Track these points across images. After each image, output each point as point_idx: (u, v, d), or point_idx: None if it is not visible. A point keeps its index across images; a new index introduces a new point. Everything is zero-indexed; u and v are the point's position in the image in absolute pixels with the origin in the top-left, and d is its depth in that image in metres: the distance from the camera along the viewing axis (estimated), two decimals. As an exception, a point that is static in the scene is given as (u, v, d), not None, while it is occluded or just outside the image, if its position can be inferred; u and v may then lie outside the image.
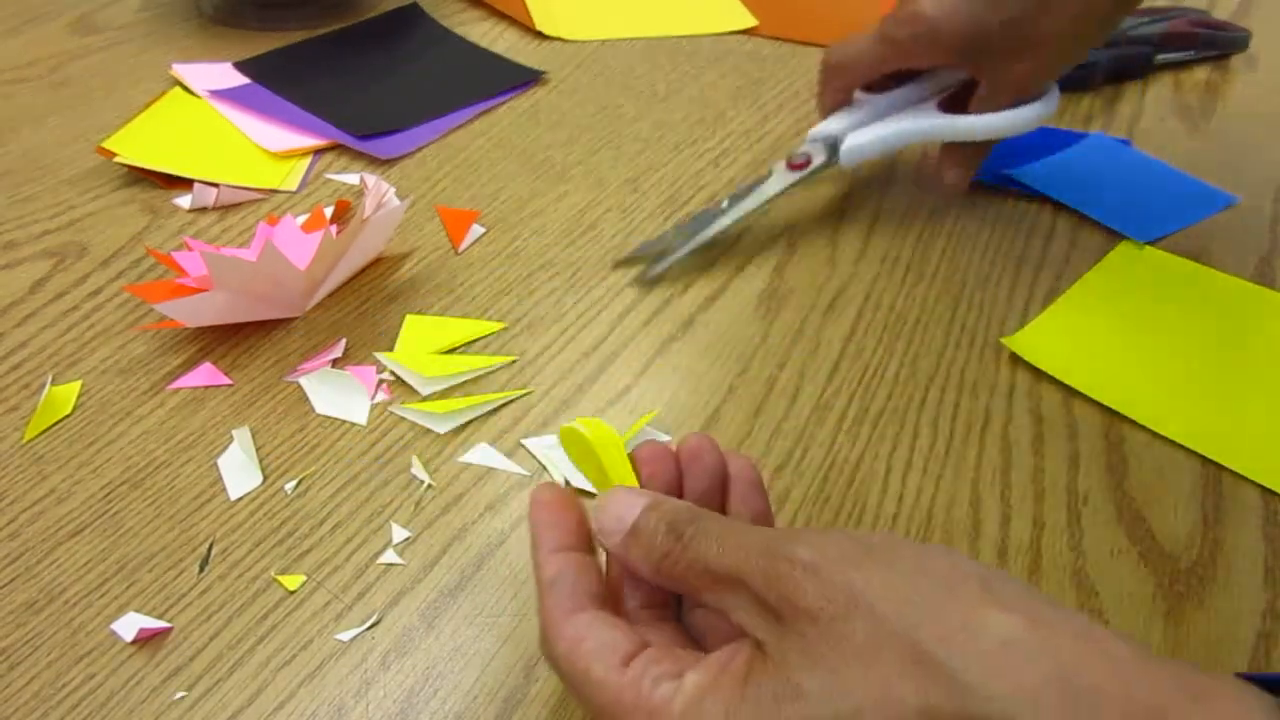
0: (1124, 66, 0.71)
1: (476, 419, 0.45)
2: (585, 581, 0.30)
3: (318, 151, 0.64)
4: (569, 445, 0.34)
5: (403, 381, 0.47)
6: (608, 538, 0.31)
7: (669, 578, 0.29)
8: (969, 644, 0.24)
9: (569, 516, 0.32)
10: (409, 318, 0.51)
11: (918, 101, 0.56)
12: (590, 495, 0.41)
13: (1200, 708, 0.22)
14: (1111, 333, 0.50)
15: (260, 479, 0.42)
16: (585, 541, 0.32)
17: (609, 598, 0.31)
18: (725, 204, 0.56)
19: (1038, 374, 0.48)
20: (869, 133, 0.55)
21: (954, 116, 0.55)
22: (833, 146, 0.56)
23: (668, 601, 0.32)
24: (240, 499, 0.42)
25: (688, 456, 0.33)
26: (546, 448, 0.44)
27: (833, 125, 0.56)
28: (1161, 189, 0.61)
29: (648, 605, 0.31)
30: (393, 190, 0.53)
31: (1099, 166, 0.62)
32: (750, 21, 0.80)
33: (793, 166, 0.56)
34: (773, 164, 0.58)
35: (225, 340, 0.49)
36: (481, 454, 0.44)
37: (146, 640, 0.37)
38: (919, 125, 0.55)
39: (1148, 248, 0.56)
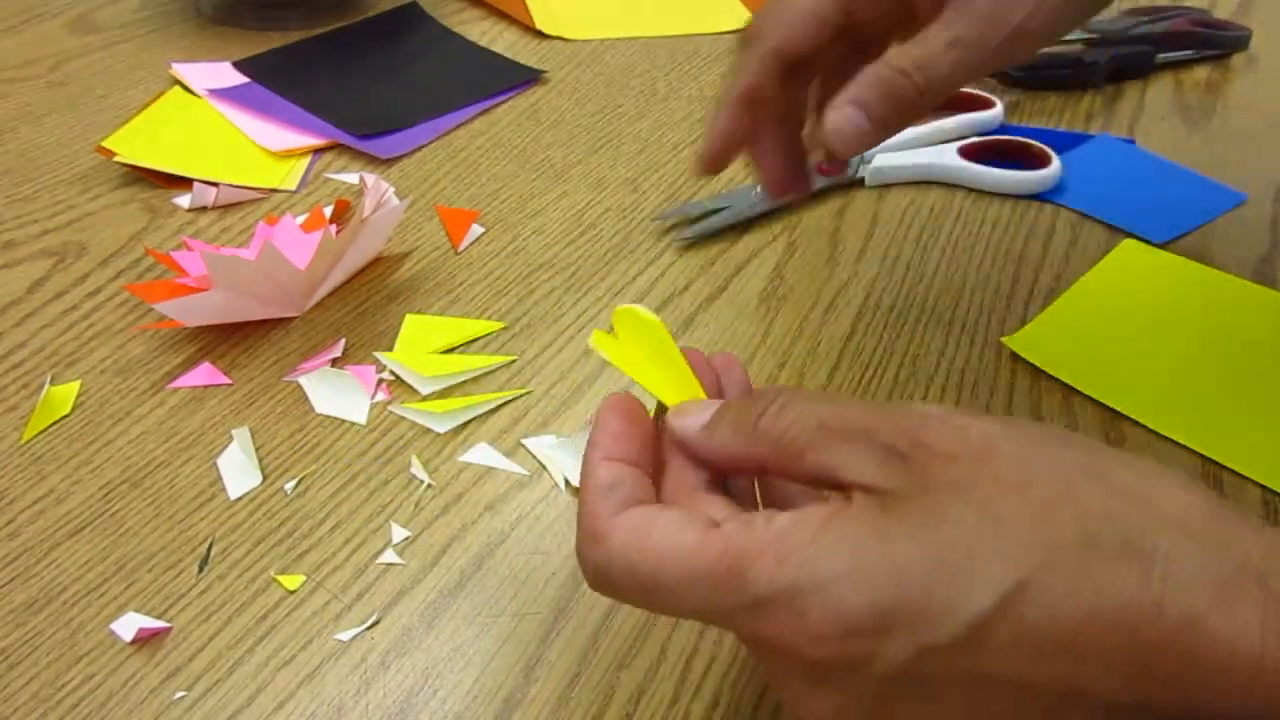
0: (1124, 66, 0.71)
1: (476, 418, 0.45)
2: (641, 491, 0.27)
3: (317, 151, 0.64)
4: (621, 330, 0.32)
5: (402, 381, 0.47)
6: (689, 427, 0.29)
7: (768, 442, 0.27)
8: (1118, 475, 0.24)
9: (637, 431, 0.29)
10: (408, 317, 0.51)
11: (940, 143, 0.62)
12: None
13: None
14: (1111, 332, 0.50)
15: (260, 479, 0.42)
16: (646, 460, 0.29)
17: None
18: (758, 188, 0.57)
19: (1038, 374, 0.48)
20: (897, 158, 0.61)
21: (977, 165, 0.60)
22: (859, 162, 0.60)
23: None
24: (240, 499, 0.42)
25: (722, 367, 0.32)
26: (546, 447, 0.44)
27: None
28: (1171, 189, 0.61)
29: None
30: (392, 190, 0.53)
31: (1107, 168, 0.62)
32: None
33: (822, 170, 0.58)
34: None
35: (225, 340, 0.49)
36: (481, 454, 0.44)
37: (146, 640, 0.37)
38: (944, 165, 0.61)
39: (1147, 247, 0.56)
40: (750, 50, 0.37)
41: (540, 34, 0.77)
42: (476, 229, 0.57)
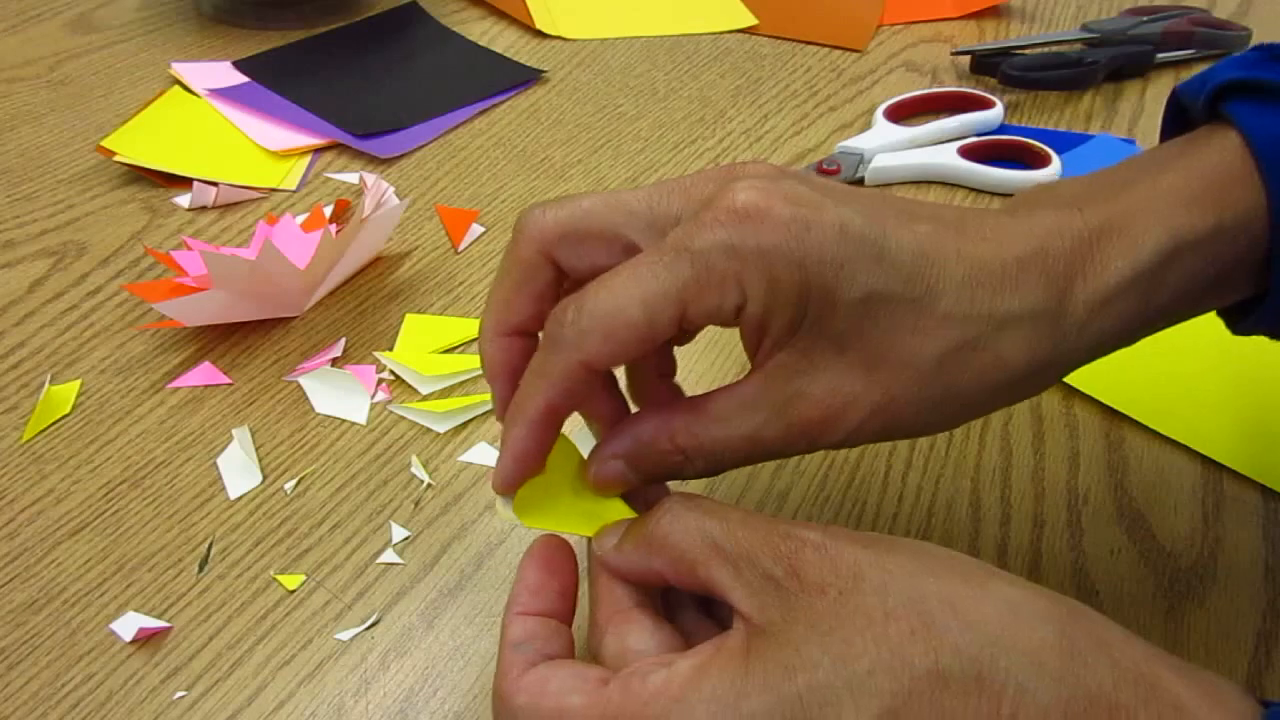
0: (1124, 65, 0.71)
1: (476, 418, 0.45)
2: (551, 645, 0.28)
3: (317, 150, 0.64)
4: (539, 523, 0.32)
5: (402, 381, 0.47)
6: (604, 548, 0.30)
7: (663, 556, 0.28)
8: (975, 609, 0.24)
9: (555, 581, 0.30)
10: (408, 317, 0.51)
11: (940, 142, 0.63)
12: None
13: (1188, 681, 0.24)
14: (1111, 332, 0.50)
15: (260, 478, 0.42)
16: (565, 610, 0.30)
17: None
18: None
19: (1038, 373, 0.48)
20: (898, 158, 0.61)
21: (977, 165, 0.60)
22: (859, 162, 0.61)
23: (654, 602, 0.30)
24: (240, 498, 0.42)
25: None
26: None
27: (863, 142, 0.62)
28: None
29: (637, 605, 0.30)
30: (392, 189, 0.53)
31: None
32: (750, 20, 0.80)
33: (822, 171, 0.61)
34: (807, 168, 0.61)
35: (224, 339, 0.49)
36: (481, 453, 0.44)
37: (146, 640, 0.37)
38: (944, 165, 0.61)
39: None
40: (556, 356, 0.28)
41: (540, 34, 0.77)
42: (476, 229, 0.57)
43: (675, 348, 0.34)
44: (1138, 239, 0.30)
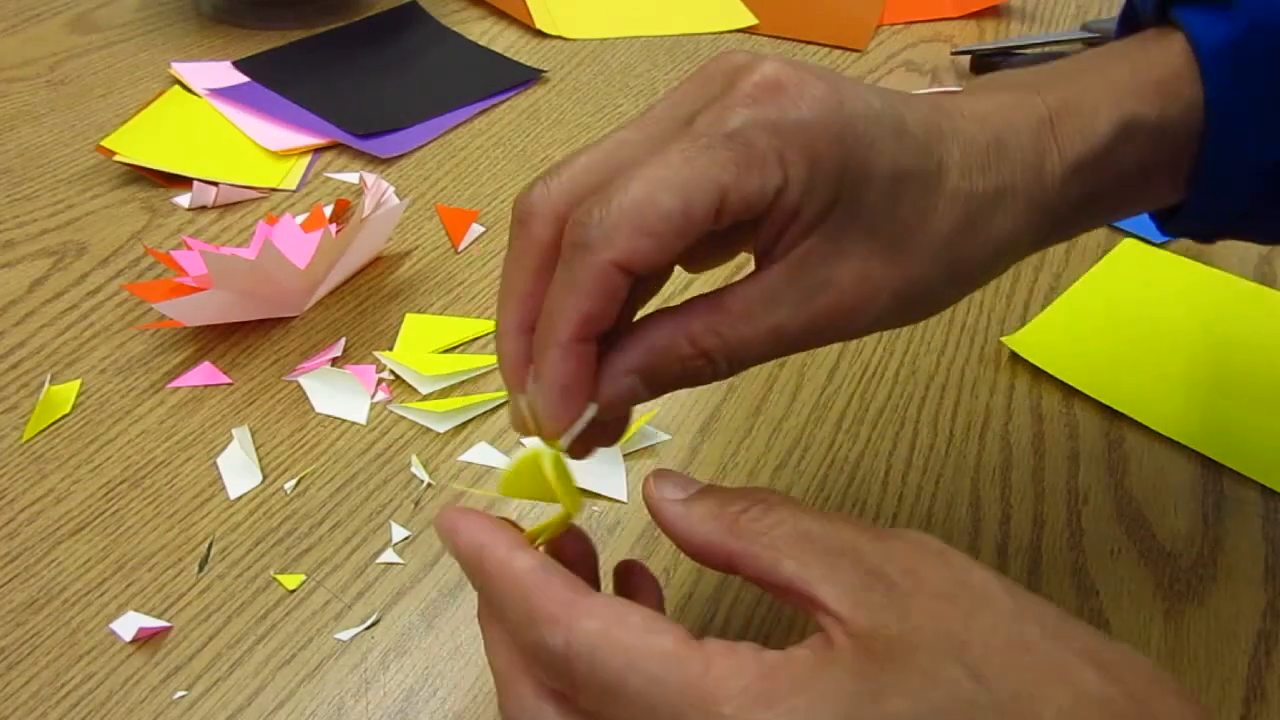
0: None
1: (476, 418, 0.45)
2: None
3: (317, 150, 0.64)
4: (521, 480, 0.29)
5: (402, 380, 0.47)
6: (667, 497, 0.27)
7: (746, 537, 0.25)
8: (1118, 674, 0.23)
9: (506, 525, 0.27)
10: (408, 317, 0.51)
11: None
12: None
13: None
14: (1111, 332, 0.50)
15: (260, 478, 0.42)
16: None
17: None
18: None
19: (1038, 374, 0.48)
20: None
21: None
22: None
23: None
24: (240, 498, 0.42)
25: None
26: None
27: None
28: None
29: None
30: (392, 189, 0.53)
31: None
32: (750, 20, 0.80)
33: None
34: None
35: (224, 339, 0.49)
36: (481, 453, 0.44)
37: (146, 639, 0.37)
38: None
39: (1147, 247, 0.56)
40: (583, 261, 0.25)
41: (540, 34, 0.77)
42: (476, 228, 0.57)
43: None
44: (1092, 118, 0.30)
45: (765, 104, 0.25)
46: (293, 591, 0.38)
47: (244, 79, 0.70)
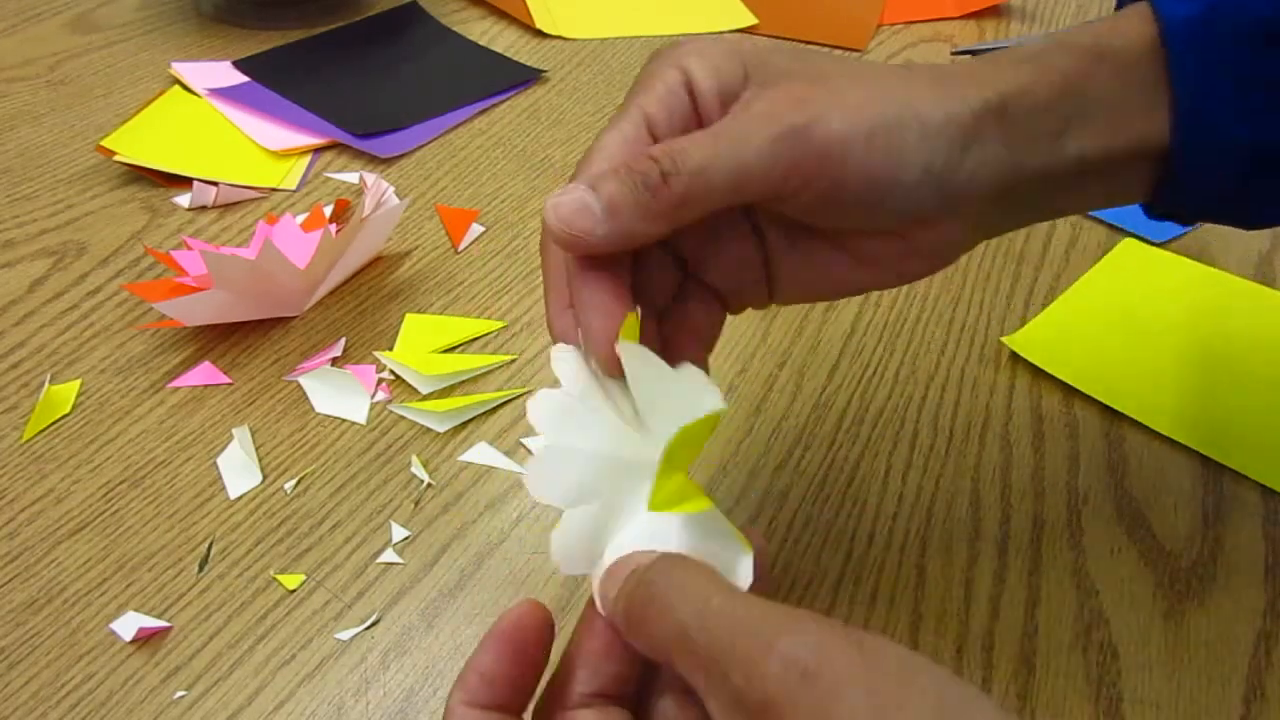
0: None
1: (476, 418, 0.45)
2: None
3: (317, 150, 0.64)
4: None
5: (402, 380, 0.47)
6: (603, 596, 0.26)
7: (638, 633, 0.24)
8: None
9: (516, 672, 0.26)
10: (408, 317, 0.51)
11: None
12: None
13: None
14: (1111, 332, 0.50)
15: (260, 478, 0.42)
16: (519, 704, 0.26)
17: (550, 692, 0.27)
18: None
19: (1038, 373, 0.48)
20: None
21: None
22: None
23: (625, 691, 0.27)
24: (240, 498, 0.42)
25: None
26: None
27: None
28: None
29: (601, 692, 0.26)
30: (392, 189, 0.53)
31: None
32: (750, 20, 0.80)
33: None
34: None
35: (224, 339, 0.49)
36: (481, 453, 0.44)
37: (146, 639, 0.37)
38: None
39: (1147, 247, 0.56)
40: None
41: (540, 34, 0.77)
42: (476, 228, 0.57)
43: None
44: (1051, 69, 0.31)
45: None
46: (293, 591, 0.38)
47: (244, 79, 0.70)
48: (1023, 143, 0.30)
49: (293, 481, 0.42)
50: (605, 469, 0.28)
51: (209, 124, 0.65)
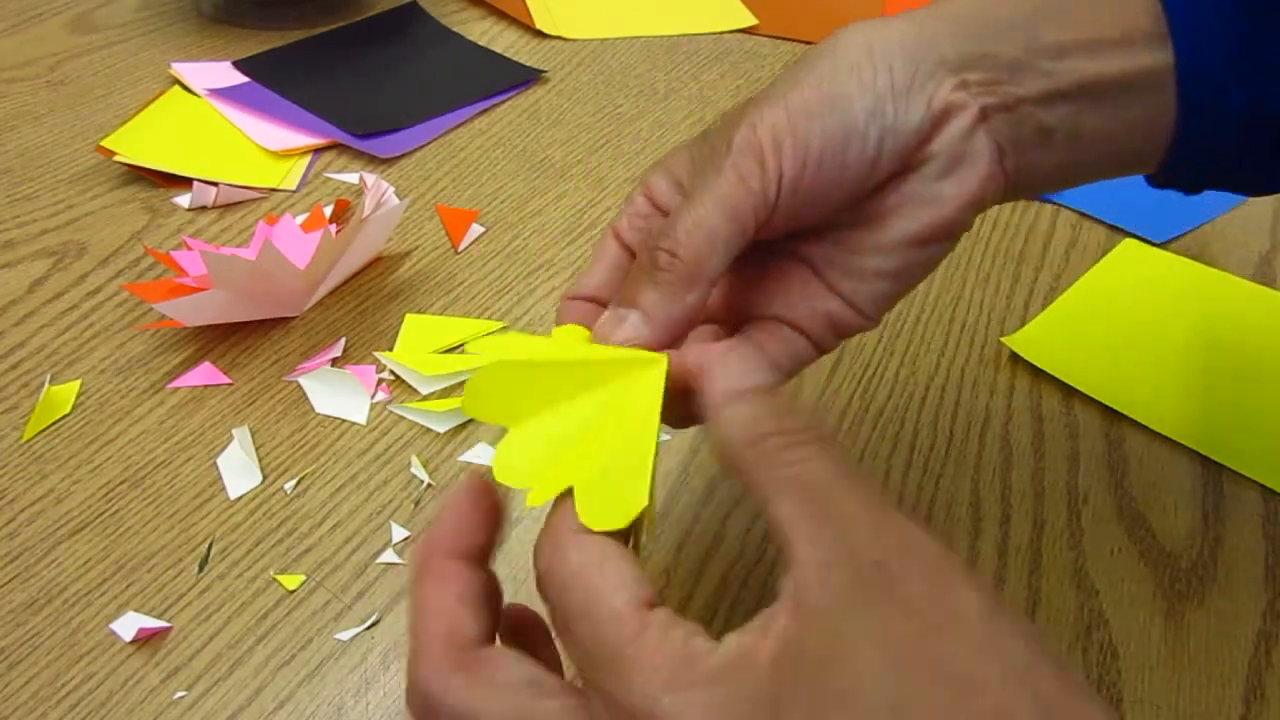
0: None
1: (476, 418, 0.45)
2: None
3: (317, 150, 0.64)
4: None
5: (402, 381, 0.47)
6: (721, 382, 0.26)
7: (759, 463, 0.24)
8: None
9: (484, 519, 0.27)
10: (408, 317, 0.51)
11: None
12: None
13: None
14: (1111, 332, 0.50)
15: (260, 478, 0.42)
16: (486, 544, 0.27)
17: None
18: None
19: (1038, 374, 0.48)
20: None
21: None
22: None
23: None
24: (240, 498, 0.42)
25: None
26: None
27: None
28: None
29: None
30: (392, 189, 0.53)
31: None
32: (750, 20, 0.80)
33: None
34: None
35: (224, 339, 0.49)
36: (481, 453, 0.44)
37: (146, 640, 0.37)
38: None
39: (1147, 247, 0.56)
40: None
41: (540, 34, 0.77)
42: (476, 229, 0.57)
43: None
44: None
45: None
46: (293, 592, 0.38)
47: (244, 79, 0.70)
48: (981, 34, 0.31)
49: (293, 482, 0.42)
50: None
51: (209, 124, 0.65)
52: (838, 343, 0.34)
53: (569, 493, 0.25)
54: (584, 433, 0.27)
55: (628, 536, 0.25)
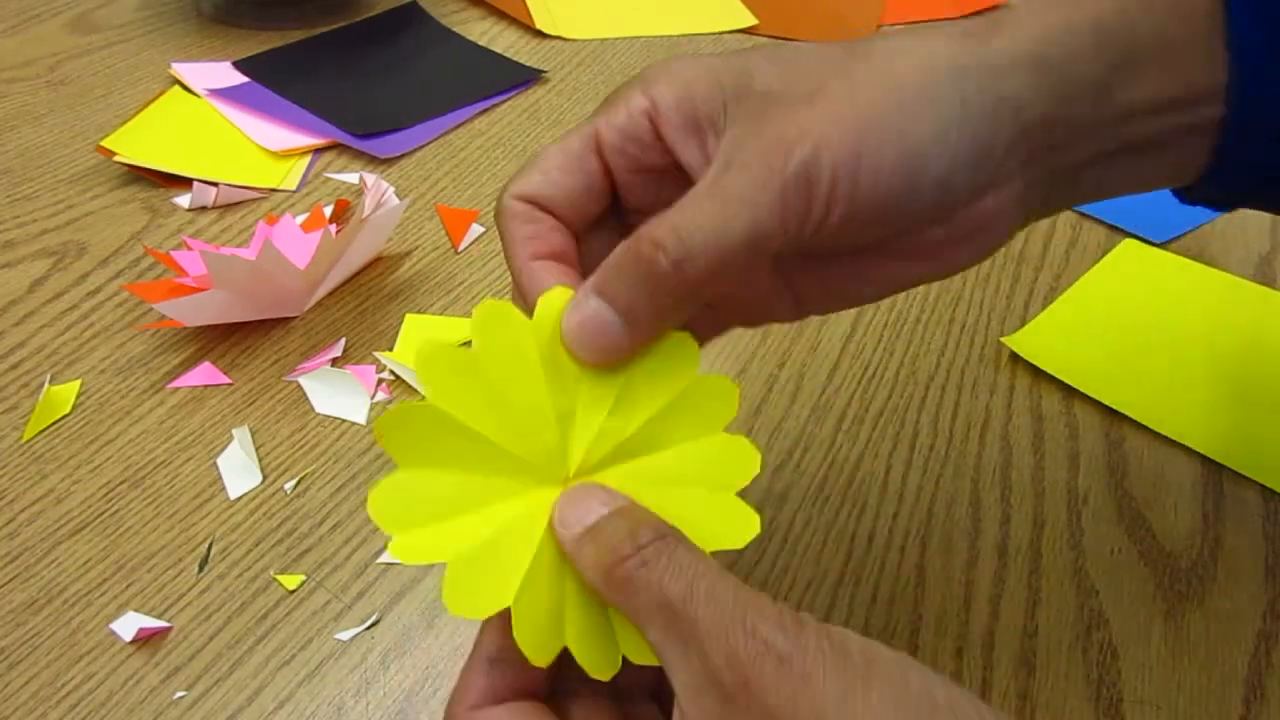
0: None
1: (476, 418, 0.45)
2: (525, 680, 0.27)
3: (317, 150, 0.64)
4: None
5: (402, 381, 0.47)
6: (565, 529, 0.26)
7: (618, 591, 0.25)
8: None
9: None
10: (408, 317, 0.51)
11: None
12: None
13: None
14: (1111, 332, 0.50)
15: (260, 478, 0.42)
16: (532, 679, 0.27)
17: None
18: None
19: (1038, 374, 0.48)
20: None
21: None
22: None
23: (536, 689, 0.27)
24: (240, 498, 0.42)
25: None
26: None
27: None
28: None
29: (513, 690, 0.27)
30: (392, 189, 0.53)
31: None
32: (750, 20, 0.80)
33: None
34: None
35: (224, 339, 0.49)
36: (481, 453, 0.44)
37: (146, 640, 0.37)
38: None
39: (1147, 247, 0.56)
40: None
41: (540, 34, 0.77)
42: (476, 228, 0.57)
43: None
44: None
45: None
46: (293, 592, 0.38)
47: (244, 79, 0.70)
48: (1063, 94, 0.27)
49: (293, 482, 0.42)
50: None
51: (209, 124, 0.65)
52: (745, 326, 0.33)
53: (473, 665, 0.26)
54: (477, 505, 0.26)
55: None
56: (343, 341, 0.49)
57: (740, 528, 0.27)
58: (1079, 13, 0.28)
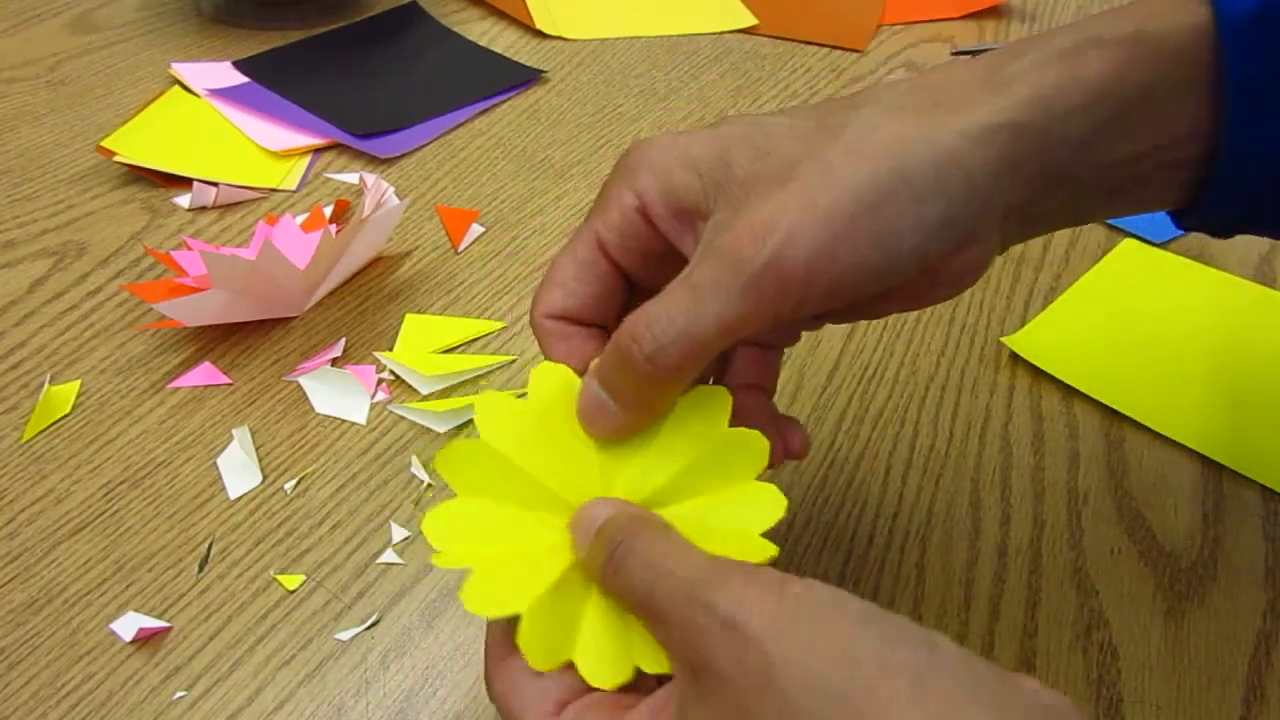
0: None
1: (476, 418, 0.45)
2: None
3: (317, 151, 0.64)
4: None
5: (402, 381, 0.47)
6: (579, 538, 0.28)
7: (612, 595, 0.26)
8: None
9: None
10: (408, 317, 0.51)
11: None
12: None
13: None
14: (1112, 332, 0.50)
15: (260, 478, 0.42)
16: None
17: None
18: None
19: (1038, 374, 0.48)
20: None
21: None
22: None
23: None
24: (240, 498, 0.42)
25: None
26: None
27: None
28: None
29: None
30: (392, 189, 0.53)
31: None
32: (750, 20, 0.80)
33: None
34: None
35: (224, 340, 0.49)
36: (481, 453, 0.44)
37: (146, 640, 0.37)
38: None
39: (1147, 247, 0.56)
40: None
41: (540, 34, 0.77)
42: (476, 229, 0.57)
43: None
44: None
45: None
46: (293, 592, 0.38)
47: (244, 79, 0.70)
48: (1043, 157, 0.28)
49: (293, 482, 0.42)
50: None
51: (209, 124, 0.65)
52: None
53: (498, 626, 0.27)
54: (517, 532, 0.28)
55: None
56: (343, 341, 0.49)
57: (753, 552, 0.28)
58: (1075, 70, 0.28)
